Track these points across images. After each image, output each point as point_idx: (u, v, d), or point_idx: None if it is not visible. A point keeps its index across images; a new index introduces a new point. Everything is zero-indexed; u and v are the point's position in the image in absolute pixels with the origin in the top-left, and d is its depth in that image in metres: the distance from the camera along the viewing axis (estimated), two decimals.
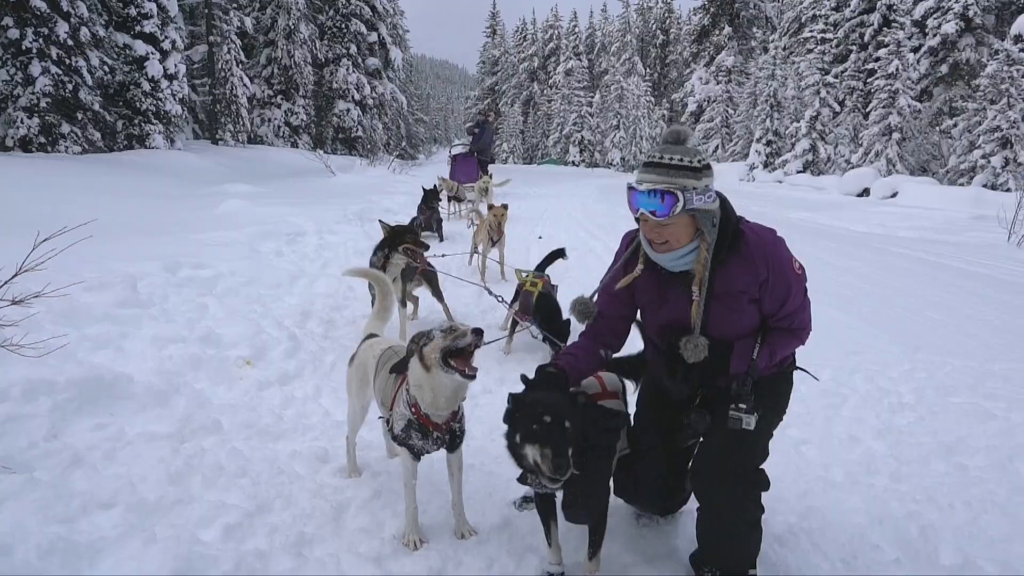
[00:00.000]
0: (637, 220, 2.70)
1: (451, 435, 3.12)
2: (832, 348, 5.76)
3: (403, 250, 5.88)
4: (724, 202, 2.66)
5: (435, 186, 12.08)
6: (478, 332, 2.84)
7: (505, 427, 2.67)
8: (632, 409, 3.21)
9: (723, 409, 2.63)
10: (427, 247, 6.10)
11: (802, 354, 2.93)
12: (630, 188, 2.59)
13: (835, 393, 4.88)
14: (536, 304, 5.72)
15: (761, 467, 2.72)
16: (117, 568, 2.70)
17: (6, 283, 3.28)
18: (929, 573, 2.89)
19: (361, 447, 3.87)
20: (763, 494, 2.71)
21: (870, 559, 3.00)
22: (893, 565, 2.96)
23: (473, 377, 2.87)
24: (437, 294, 6.56)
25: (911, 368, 5.38)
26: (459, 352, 2.85)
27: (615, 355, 3.21)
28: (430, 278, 6.49)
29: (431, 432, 3.05)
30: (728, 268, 2.61)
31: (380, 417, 3.43)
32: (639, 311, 2.96)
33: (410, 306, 6.59)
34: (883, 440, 4.18)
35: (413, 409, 3.03)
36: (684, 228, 2.57)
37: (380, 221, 6.34)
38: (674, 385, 2.83)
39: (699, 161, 2.53)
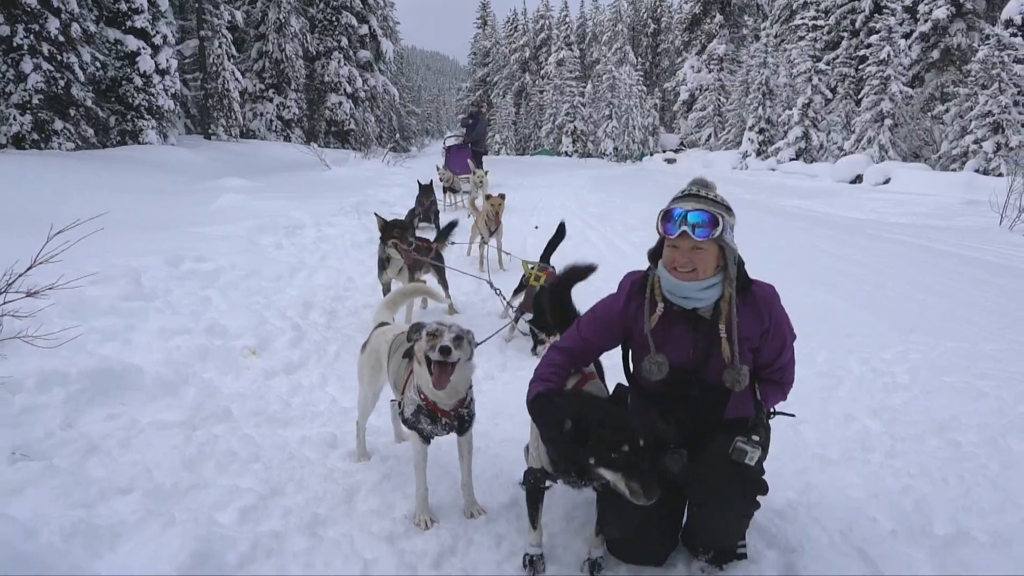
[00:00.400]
0: (653, 257, 2.81)
1: (459, 420, 3.20)
2: (827, 332, 5.88)
3: (391, 244, 6.06)
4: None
5: (430, 182, 12.15)
6: (445, 351, 2.88)
7: (530, 425, 2.69)
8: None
9: (719, 440, 2.67)
10: (411, 244, 6.18)
11: (801, 337, 2.96)
12: (666, 212, 2.65)
13: (830, 375, 4.99)
14: (535, 300, 5.84)
15: (762, 476, 2.73)
16: (138, 550, 2.77)
17: (21, 275, 3.34)
18: (924, 543, 2.98)
19: (369, 432, 3.94)
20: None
21: (867, 531, 3.10)
22: (889, 536, 3.06)
23: (441, 389, 2.96)
24: (442, 282, 6.69)
25: (905, 350, 5.49)
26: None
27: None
28: (437, 269, 6.64)
29: (440, 418, 3.14)
30: (737, 315, 2.70)
31: (392, 400, 3.51)
32: (633, 351, 3.00)
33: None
34: (878, 419, 4.29)
35: (422, 395, 3.11)
36: (713, 258, 2.66)
37: (375, 215, 6.49)
38: (668, 429, 2.83)
39: (727, 204, 2.69)
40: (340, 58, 34.06)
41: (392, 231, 6.16)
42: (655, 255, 2.84)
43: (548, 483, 2.86)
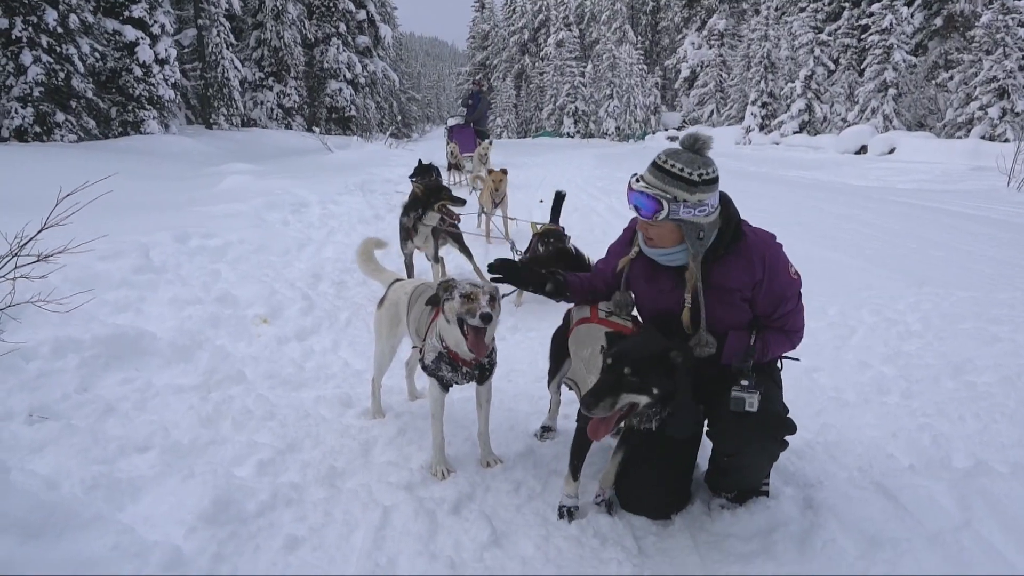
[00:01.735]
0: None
1: (480, 369, 3.19)
2: (838, 287, 5.86)
3: (439, 208, 5.98)
4: (727, 203, 2.72)
5: (431, 162, 12.15)
6: (486, 317, 2.86)
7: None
8: None
9: (724, 390, 2.62)
10: (463, 202, 6.17)
11: (809, 293, 2.91)
12: (630, 186, 2.67)
13: (843, 325, 4.98)
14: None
15: (787, 415, 2.71)
16: (159, 501, 2.80)
17: (32, 239, 3.35)
18: (943, 475, 2.98)
19: (383, 391, 3.94)
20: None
21: (885, 467, 3.09)
22: (907, 471, 3.05)
23: (481, 356, 3.01)
24: (465, 251, 6.67)
25: (917, 300, 5.47)
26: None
27: None
28: (456, 237, 6.60)
29: (460, 366, 3.14)
30: (725, 265, 2.68)
31: (414, 347, 3.53)
32: (633, 295, 3.06)
33: (438, 267, 6.63)
34: (892, 364, 4.28)
35: (444, 344, 3.11)
36: (669, 233, 2.65)
37: (412, 180, 6.43)
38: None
39: (700, 176, 2.54)
40: (339, 44, 33.85)
41: (439, 193, 6.06)
42: None
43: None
